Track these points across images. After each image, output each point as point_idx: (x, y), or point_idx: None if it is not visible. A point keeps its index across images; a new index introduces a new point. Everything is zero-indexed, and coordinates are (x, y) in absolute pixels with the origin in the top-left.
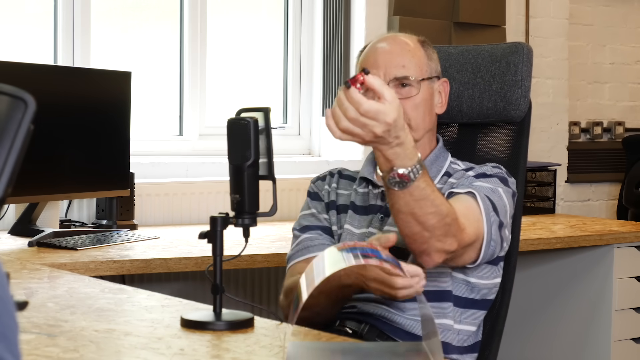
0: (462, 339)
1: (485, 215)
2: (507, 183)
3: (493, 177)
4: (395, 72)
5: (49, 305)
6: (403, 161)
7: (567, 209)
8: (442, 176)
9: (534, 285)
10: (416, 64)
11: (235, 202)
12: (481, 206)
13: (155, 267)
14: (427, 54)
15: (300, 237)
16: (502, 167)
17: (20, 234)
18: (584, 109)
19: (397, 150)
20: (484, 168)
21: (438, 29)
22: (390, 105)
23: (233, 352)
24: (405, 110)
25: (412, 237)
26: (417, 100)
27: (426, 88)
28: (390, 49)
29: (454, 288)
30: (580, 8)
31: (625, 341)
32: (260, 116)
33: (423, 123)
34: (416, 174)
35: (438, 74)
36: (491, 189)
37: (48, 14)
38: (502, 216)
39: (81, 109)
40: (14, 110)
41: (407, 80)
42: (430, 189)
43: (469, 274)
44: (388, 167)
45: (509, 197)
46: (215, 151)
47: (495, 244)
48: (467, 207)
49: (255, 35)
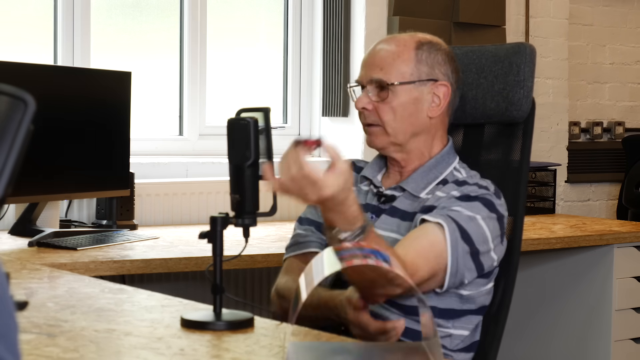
0: (454, 343)
1: (451, 248)
2: (492, 207)
3: (477, 200)
4: (372, 74)
5: (49, 305)
6: (344, 226)
7: (567, 209)
8: (437, 184)
9: (534, 285)
10: (397, 67)
11: (235, 202)
12: (448, 240)
13: (155, 267)
14: (418, 56)
15: (295, 231)
16: (491, 187)
17: (20, 234)
18: (584, 109)
19: (336, 217)
20: (469, 189)
21: (438, 29)
22: (332, 177)
23: (233, 352)
24: (380, 113)
25: (356, 284)
26: (393, 104)
27: (407, 92)
28: (378, 50)
29: (445, 303)
30: (580, 8)
31: (625, 341)
32: (260, 116)
33: (402, 127)
34: (358, 239)
35: (433, 77)
36: (468, 217)
37: (48, 14)
38: (479, 244)
39: (81, 109)
40: (14, 111)
41: (382, 83)
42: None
43: (459, 288)
44: (329, 225)
45: (493, 222)
46: (215, 151)
47: (465, 271)
48: (430, 243)
49: (255, 35)
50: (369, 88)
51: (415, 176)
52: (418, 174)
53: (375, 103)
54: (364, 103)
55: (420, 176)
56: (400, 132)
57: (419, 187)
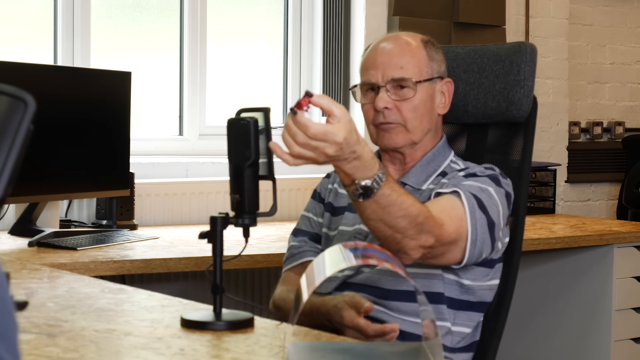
0: (455, 340)
1: (470, 214)
2: (499, 183)
3: (484, 177)
4: (392, 73)
5: (49, 305)
6: (363, 173)
7: (567, 209)
8: (437, 176)
9: (534, 285)
10: (415, 65)
11: (235, 202)
12: (465, 205)
13: (155, 267)
14: (428, 54)
15: (290, 244)
16: (496, 169)
17: (20, 234)
18: (584, 109)
19: (355, 163)
20: (476, 169)
21: (438, 29)
22: (339, 124)
23: (233, 352)
24: (402, 111)
25: (384, 239)
26: (415, 102)
27: (425, 89)
28: (389, 50)
29: (447, 290)
30: (580, 8)
31: (625, 341)
32: (260, 116)
33: (421, 125)
34: (379, 183)
35: (441, 75)
36: (480, 187)
37: (48, 14)
38: (494, 216)
39: (81, 109)
40: (14, 111)
41: (404, 82)
42: (397, 193)
43: (461, 276)
44: (350, 181)
45: (501, 197)
46: (215, 151)
47: (483, 243)
48: (450, 205)
49: (255, 35)
50: (389, 87)
51: (415, 170)
52: (417, 168)
53: (396, 102)
54: (386, 102)
55: (420, 170)
56: (419, 130)
57: (420, 180)
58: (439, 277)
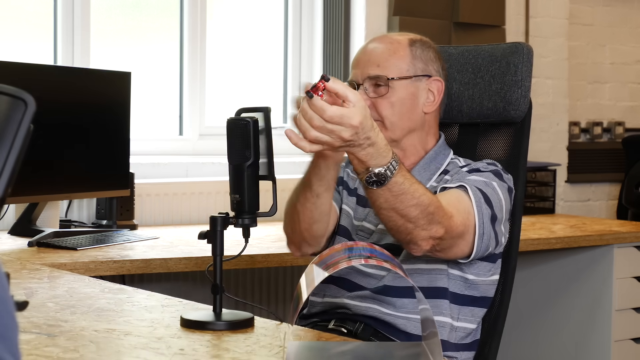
0: (459, 336)
1: (477, 207)
2: (502, 178)
3: (487, 172)
4: (369, 71)
5: (49, 305)
6: (377, 160)
7: (567, 209)
8: (440, 174)
9: (534, 285)
10: (394, 63)
11: (235, 202)
12: (472, 198)
13: (155, 267)
14: (412, 52)
15: None
16: (498, 164)
17: (20, 234)
18: (584, 109)
19: (370, 150)
20: (479, 164)
21: (438, 29)
22: (354, 108)
23: (233, 352)
24: (378, 109)
25: (396, 229)
26: (392, 99)
27: (405, 87)
28: (372, 49)
29: (451, 285)
30: (580, 8)
31: (625, 341)
32: (260, 116)
33: (400, 122)
34: (392, 171)
35: (428, 73)
36: (484, 182)
37: (48, 14)
38: (497, 210)
39: (81, 109)
40: (14, 111)
41: (379, 80)
42: (409, 182)
43: (465, 271)
44: (363, 168)
45: (504, 192)
46: (215, 151)
47: (489, 237)
48: (457, 199)
49: (255, 35)
50: (366, 85)
51: (416, 171)
52: (419, 168)
53: (373, 99)
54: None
55: (422, 169)
56: (398, 128)
57: (424, 179)
58: (444, 272)
